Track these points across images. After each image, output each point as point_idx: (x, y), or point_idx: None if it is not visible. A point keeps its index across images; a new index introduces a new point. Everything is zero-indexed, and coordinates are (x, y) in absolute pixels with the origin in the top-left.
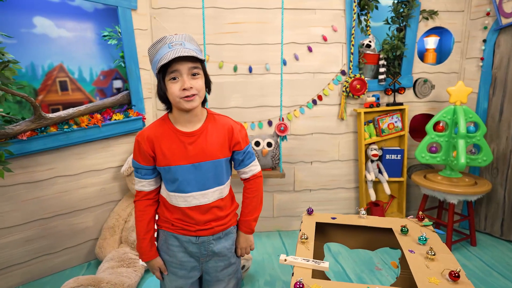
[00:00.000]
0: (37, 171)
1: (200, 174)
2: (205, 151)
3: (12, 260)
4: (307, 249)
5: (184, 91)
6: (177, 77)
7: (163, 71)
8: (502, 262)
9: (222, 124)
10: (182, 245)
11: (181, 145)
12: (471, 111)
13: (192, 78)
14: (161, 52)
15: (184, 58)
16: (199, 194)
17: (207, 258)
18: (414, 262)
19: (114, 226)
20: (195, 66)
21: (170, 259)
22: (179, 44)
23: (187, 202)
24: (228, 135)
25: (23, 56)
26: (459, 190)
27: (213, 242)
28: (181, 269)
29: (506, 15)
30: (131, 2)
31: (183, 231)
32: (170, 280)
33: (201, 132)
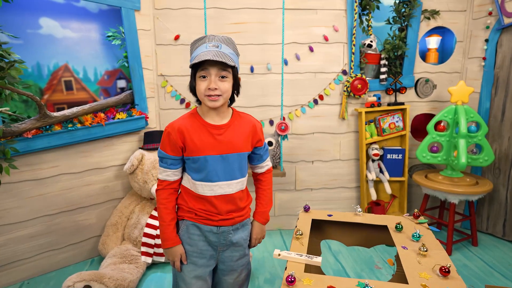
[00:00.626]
0: (42, 169)
1: (227, 165)
2: (233, 144)
3: (17, 256)
4: (301, 245)
5: (209, 90)
6: (206, 76)
7: (195, 68)
8: (503, 262)
9: (247, 121)
10: (203, 234)
11: (211, 136)
12: (473, 111)
13: (219, 80)
14: (199, 50)
15: (215, 61)
16: (224, 184)
17: (224, 247)
18: (406, 258)
19: (117, 223)
20: (224, 69)
21: (191, 248)
22: (215, 46)
23: (213, 191)
24: (252, 131)
25: (29, 56)
26: (460, 190)
27: (232, 233)
28: (201, 258)
29: (508, 14)
30: (135, 3)
31: (206, 221)
32: (189, 270)
33: (229, 126)
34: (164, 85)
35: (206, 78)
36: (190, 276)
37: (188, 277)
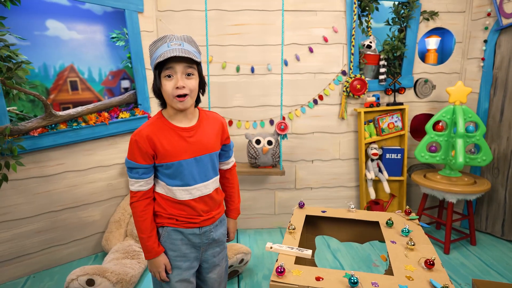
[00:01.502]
0: (48, 166)
1: (201, 166)
2: (204, 145)
3: (24, 250)
4: (293, 239)
5: (177, 89)
6: (172, 75)
7: (159, 68)
8: (501, 261)
9: (214, 119)
10: (186, 237)
11: (182, 140)
12: (471, 111)
13: (186, 78)
14: (160, 50)
15: (180, 58)
16: (201, 186)
17: (206, 246)
18: (394, 251)
19: (120, 220)
20: (190, 66)
21: (174, 253)
22: (178, 44)
23: (192, 195)
24: (220, 130)
25: (36, 57)
26: (458, 189)
27: (213, 230)
28: (185, 261)
29: (506, 15)
30: (138, 5)
31: (188, 225)
32: (174, 275)
33: (198, 127)
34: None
35: (172, 77)
36: (175, 281)
37: (173, 282)
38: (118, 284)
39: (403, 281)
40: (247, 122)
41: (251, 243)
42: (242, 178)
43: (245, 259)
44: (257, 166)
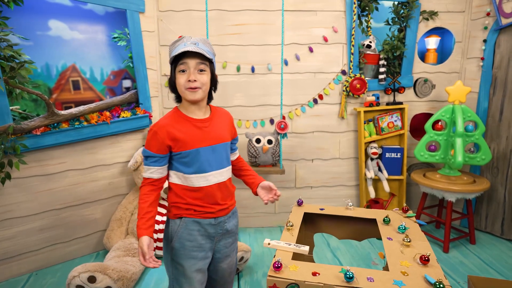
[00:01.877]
0: (50, 165)
1: (217, 155)
2: (218, 135)
3: (26, 248)
4: (291, 235)
5: (189, 82)
6: (186, 70)
7: (175, 64)
8: (500, 260)
9: (224, 113)
10: (203, 227)
11: (198, 130)
12: (470, 110)
13: (198, 73)
14: (177, 48)
15: (194, 54)
16: (217, 173)
17: (220, 237)
18: (390, 248)
19: (121, 218)
20: (202, 63)
21: (191, 243)
22: (193, 43)
23: (208, 181)
24: (230, 123)
25: (38, 57)
26: (457, 188)
27: (227, 221)
28: (201, 251)
29: (506, 15)
30: (139, 5)
31: (205, 215)
32: (190, 265)
33: (211, 119)
34: (168, 85)
35: (185, 72)
36: (191, 270)
37: (189, 271)
38: (119, 281)
39: (398, 277)
40: (247, 121)
41: (251, 241)
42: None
43: (245, 257)
44: (257, 165)
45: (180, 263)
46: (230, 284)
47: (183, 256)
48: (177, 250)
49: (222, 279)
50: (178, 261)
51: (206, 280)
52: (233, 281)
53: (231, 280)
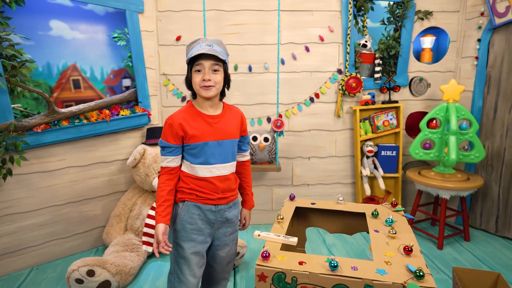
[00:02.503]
0: (51, 162)
1: (222, 149)
2: (226, 131)
3: (27, 243)
4: (281, 228)
5: (203, 81)
6: (201, 70)
7: (191, 64)
8: (493, 256)
9: (236, 111)
10: (203, 212)
11: (208, 125)
12: (464, 109)
13: (212, 73)
14: (194, 49)
15: (208, 56)
16: (220, 166)
17: (220, 224)
18: (376, 239)
19: (120, 215)
20: (216, 63)
21: (191, 226)
22: (208, 45)
23: (211, 173)
24: (240, 121)
25: (40, 56)
26: (451, 186)
27: (227, 210)
28: (200, 235)
29: (499, 15)
30: (138, 5)
31: (206, 201)
32: (189, 247)
33: (222, 116)
34: (166, 84)
35: (201, 71)
36: (189, 252)
37: (188, 253)
38: (117, 275)
39: (381, 266)
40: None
41: (248, 237)
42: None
43: (241, 252)
44: (254, 162)
45: (180, 244)
46: (228, 273)
47: (184, 238)
48: (179, 232)
49: (220, 267)
50: (179, 243)
51: (204, 264)
52: (231, 270)
53: (229, 269)
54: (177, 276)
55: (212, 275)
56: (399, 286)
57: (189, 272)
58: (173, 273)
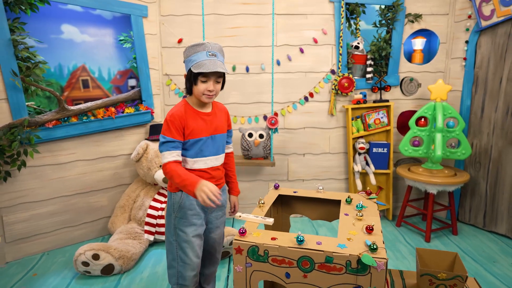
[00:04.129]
0: (61, 155)
1: (215, 143)
2: (218, 126)
3: (39, 230)
4: (261, 211)
5: (208, 91)
6: (207, 81)
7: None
8: (478, 249)
9: (222, 108)
10: None
11: (203, 122)
12: (450, 107)
13: (215, 83)
14: (200, 55)
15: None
16: (214, 158)
17: (212, 209)
18: (344, 221)
19: (124, 206)
20: (220, 76)
21: (192, 212)
22: (214, 55)
23: (206, 164)
24: (226, 116)
25: (52, 58)
26: (437, 181)
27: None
28: (199, 219)
29: (485, 17)
30: (143, 10)
31: None
32: (192, 231)
33: (214, 113)
34: (169, 84)
35: (206, 82)
36: (192, 235)
37: (190, 237)
38: (120, 259)
39: (343, 241)
40: (242, 117)
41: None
42: (237, 169)
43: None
44: (250, 158)
45: (182, 230)
46: (219, 253)
47: (186, 223)
48: (180, 219)
49: (212, 248)
50: (181, 228)
51: (202, 244)
52: (221, 250)
53: (219, 250)
54: (181, 260)
55: (206, 257)
56: (355, 257)
57: (193, 254)
58: (176, 259)
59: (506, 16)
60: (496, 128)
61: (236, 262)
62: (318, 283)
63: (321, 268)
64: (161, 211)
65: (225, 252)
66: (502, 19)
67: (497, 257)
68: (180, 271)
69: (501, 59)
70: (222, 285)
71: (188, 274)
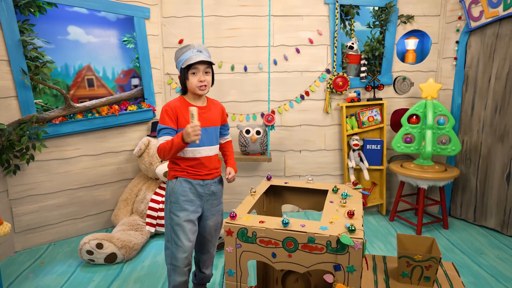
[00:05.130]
0: (67, 150)
1: (208, 134)
2: (211, 120)
3: (46, 221)
4: (253, 199)
5: (199, 82)
6: (196, 73)
7: (188, 67)
8: (467, 242)
9: (217, 104)
10: (193, 186)
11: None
12: (441, 105)
13: (205, 75)
14: (187, 54)
15: (203, 61)
16: (207, 148)
17: (208, 197)
18: (328, 208)
19: (127, 199)
20: (208, 67)
21: (184, 198)
22: (199, 51)
23: (200, 154)
24: (221, 112)
25: (59, 58)
26: (428, 176)
27: (212, 184)
28: (191, 206)
29: (474, 19)
30: (145, 12)
31: (195, 176)
32: (183, 216)
33: (208, 108)
34: (170, 82)
35: (196, 74)
36: (183, 220)
37: (182, 221)
38: (122, 249)
39: (325, 224)
40: (240, 115)
41: None
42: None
43: None
44: (247, 154)
45: (175, 213)
46: (216, 240)
47: (178, 208)
48: (173, 203)
49: (209, 235)
50: (174, 212)
51: (196, 231)
52: (218, 237)
53: (216, 237)
54: (174, 242)
55: (203, 243)
56: (334, 237)
57: (184, 237)
58: (170, 240)
59: (494, 17)
60: (486, 125)
61: (227, 243)
62: (301, 262)
63: (304, 248)
64: (162, 204)
65: (222, 244)
66: (490, 20)
67: (485, 249)
68: (173, 252)
69: (489, 59)
70: (220, 273)
71: (180, 256)
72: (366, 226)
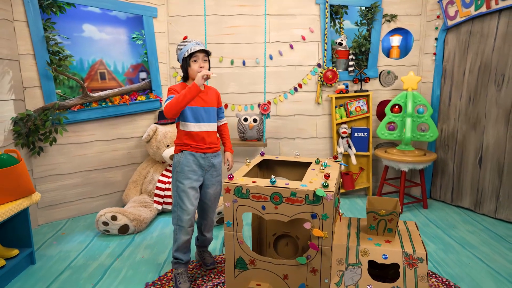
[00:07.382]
0: (83, 135)
1: (208, 113)
2: (210, 102)
3: (65, 199)
4: (247, 168)
5: (200, 68)
6: (197, 60)
7: (190, 56)
8: (442, 219)
9: (213, 89)
10: (196, 158)
11: (198, 97)
12: (420, 96)
13: (204, 62)
14: (188, 45)
15: (202, 50)
16: (207, 124)
17: (208, 168)
18: (310, 173)
19: (136, 180)
20: (206, 56)
21: (188, 168)
22: (198, 43)
23: (200, 128)
24: (216, 96)
25: (74, 53)
26: (408, 159)
27: (213, 158)
28: (194, 175)
29: (450, 18)
30: (153, 12)
31: (197, 150)
32: (187, 183)
33: (207, 92)
34: (175, 76)
35: (197, 61)
36: (187, 187)
37: (186, 187)
38: (134, 221)
39: (305, 183)
40: (239, 105)
41: None
42: (234, 151)
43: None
44: (245, 140)
45: (181, 181)
46: (215, 207)
47: (183, 176)
48: (179, 173)
49: (209, 201)
50: (180, 180)
51: (198, 197)
52: (217, 205)
53: (216, 204)
54: (179, 206)
55: (204, 208)
56: (311, 191)
57: (188, 202)
58: (176, 205)
59: (467, 17)
60: (461, 114)
61: (225, 199)
62: (285, 212)
63: (288, 201)
64: (168, 184)
65: (222, 218)
66: (464, 19)
67: (457, 225)
68: (179, 214)
69: (464, 54)
70: (220, 243)
71: (184, 217)
72: (354, 206)
